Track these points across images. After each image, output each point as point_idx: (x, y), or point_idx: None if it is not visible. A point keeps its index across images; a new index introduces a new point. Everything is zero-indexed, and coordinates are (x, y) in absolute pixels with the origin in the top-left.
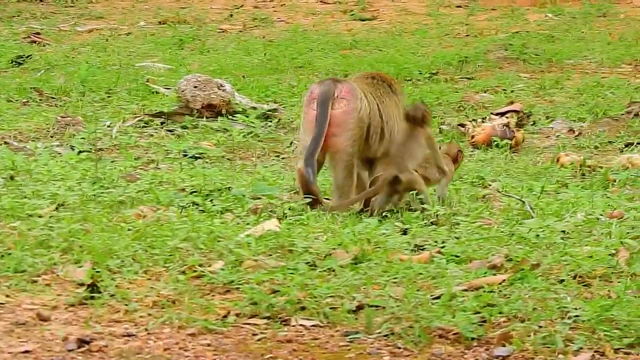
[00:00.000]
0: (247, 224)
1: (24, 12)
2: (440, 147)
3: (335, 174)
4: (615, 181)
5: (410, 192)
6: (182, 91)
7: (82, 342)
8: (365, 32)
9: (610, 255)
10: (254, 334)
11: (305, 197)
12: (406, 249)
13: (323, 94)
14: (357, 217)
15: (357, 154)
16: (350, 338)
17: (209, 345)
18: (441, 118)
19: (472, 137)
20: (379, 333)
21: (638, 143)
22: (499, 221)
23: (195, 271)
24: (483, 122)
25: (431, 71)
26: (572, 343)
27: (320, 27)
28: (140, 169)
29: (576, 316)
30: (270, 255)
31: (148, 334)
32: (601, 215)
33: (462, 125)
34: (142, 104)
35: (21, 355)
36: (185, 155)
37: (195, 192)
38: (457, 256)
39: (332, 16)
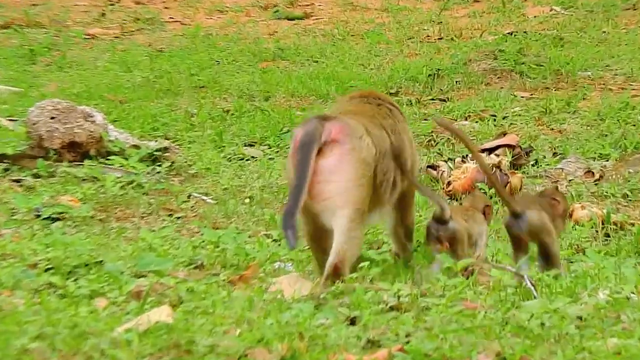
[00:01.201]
0: (127, 313)
1: None
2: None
3: (339, 233)
4: None
5: None
6: (34, 124)
7: None
8: (295, 35)
9: None
10: None
11: None
12: (355, 346)
13: (305, 136)
14: (283, 302)
15: (365, 208)
16: None
17: None
18: None
19: (449, 183)
20: None
21: None
22: (487, 304)
23: None
24: (463, 162)
25: (389, 90)
26: None
27: (230, 30)
28: None
29: None
30: (161, 357)
31: None
32: (633, 293)
33: (434, 167)
34: None
35: None
36: (39, 216)
37: (52, 268)
38: (428, 355)
39: (247, 14)
